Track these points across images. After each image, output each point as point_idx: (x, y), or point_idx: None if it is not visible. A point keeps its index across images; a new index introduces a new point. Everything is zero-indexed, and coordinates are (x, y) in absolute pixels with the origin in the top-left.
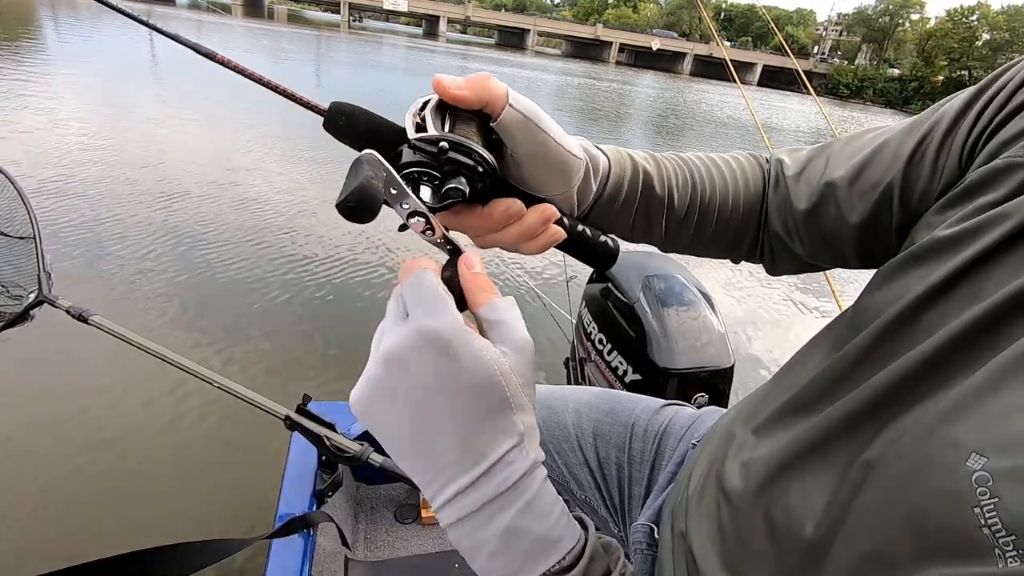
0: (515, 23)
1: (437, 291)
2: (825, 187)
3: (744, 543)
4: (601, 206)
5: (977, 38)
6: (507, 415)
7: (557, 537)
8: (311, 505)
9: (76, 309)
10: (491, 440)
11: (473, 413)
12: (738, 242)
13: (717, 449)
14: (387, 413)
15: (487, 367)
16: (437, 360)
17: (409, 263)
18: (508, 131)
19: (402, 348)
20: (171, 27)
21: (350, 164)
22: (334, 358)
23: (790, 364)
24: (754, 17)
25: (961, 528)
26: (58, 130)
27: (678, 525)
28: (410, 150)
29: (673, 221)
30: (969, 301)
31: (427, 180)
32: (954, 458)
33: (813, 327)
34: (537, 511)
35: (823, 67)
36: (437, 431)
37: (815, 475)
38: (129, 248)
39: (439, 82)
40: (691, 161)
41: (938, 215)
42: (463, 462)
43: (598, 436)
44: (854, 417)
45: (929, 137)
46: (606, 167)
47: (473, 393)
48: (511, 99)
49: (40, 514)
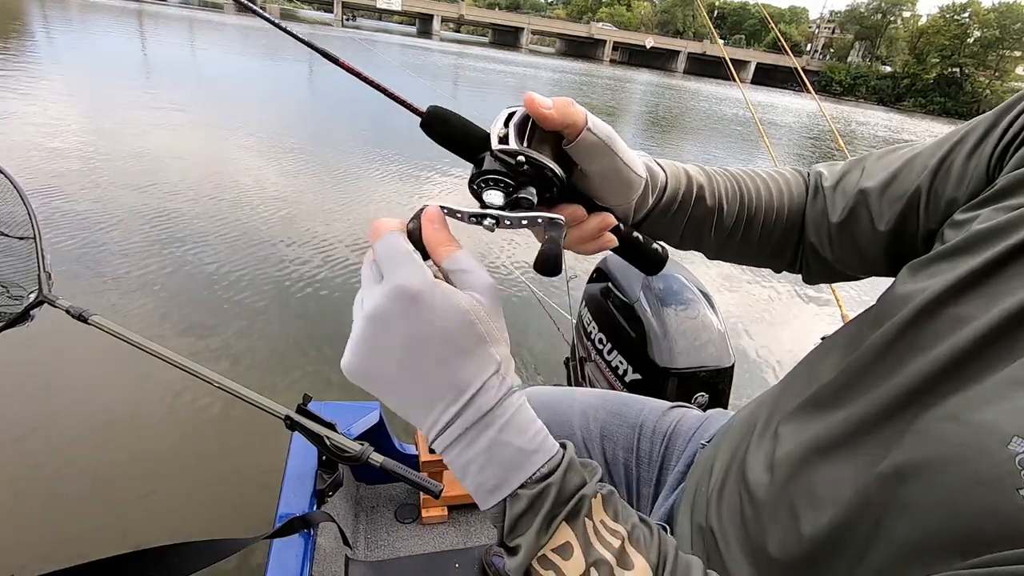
0: (509, 22)
1: (404, 249)
2: (858, 196)
3: (769, 534)
4: (656, 216)
5: (968, 35)
6: (484, 348)
7: (534, 449)
8: (311, 505)
9: (76, 309)
10: (472, 372)
11: (453, 352)
12: (781, 252)
13: (737, 444)
14: (378, 369)
15: (459, 310)
16: (414, 312)
17: (376, 226)
18: (583, 152)
19: (381, 307)
20: (168, 26)
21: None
22: (335, 358)
23: (808, 360)
24: (747, 15)
25: (1006, 510)
26: (58, 129)
27: (698, 520)
28: (491, 158)
29: (722, 231)
30: (997, 296)
31: (502, 186)
32: (994, 443)
33: (813, 326)
34: (516, 427)
35: (816, 64)
36: (424, 375)
37: (843, 467)
38: (130, 248)
39: (531, 100)
40: (739, 175)
41: (967, 213)
42: (449, 395)
43: (605, 437)
44: (884, 410)
45: (959, 147)
46: (663, 183)
47: (451, 335)
48: (590, 123)
49: (40, 514)
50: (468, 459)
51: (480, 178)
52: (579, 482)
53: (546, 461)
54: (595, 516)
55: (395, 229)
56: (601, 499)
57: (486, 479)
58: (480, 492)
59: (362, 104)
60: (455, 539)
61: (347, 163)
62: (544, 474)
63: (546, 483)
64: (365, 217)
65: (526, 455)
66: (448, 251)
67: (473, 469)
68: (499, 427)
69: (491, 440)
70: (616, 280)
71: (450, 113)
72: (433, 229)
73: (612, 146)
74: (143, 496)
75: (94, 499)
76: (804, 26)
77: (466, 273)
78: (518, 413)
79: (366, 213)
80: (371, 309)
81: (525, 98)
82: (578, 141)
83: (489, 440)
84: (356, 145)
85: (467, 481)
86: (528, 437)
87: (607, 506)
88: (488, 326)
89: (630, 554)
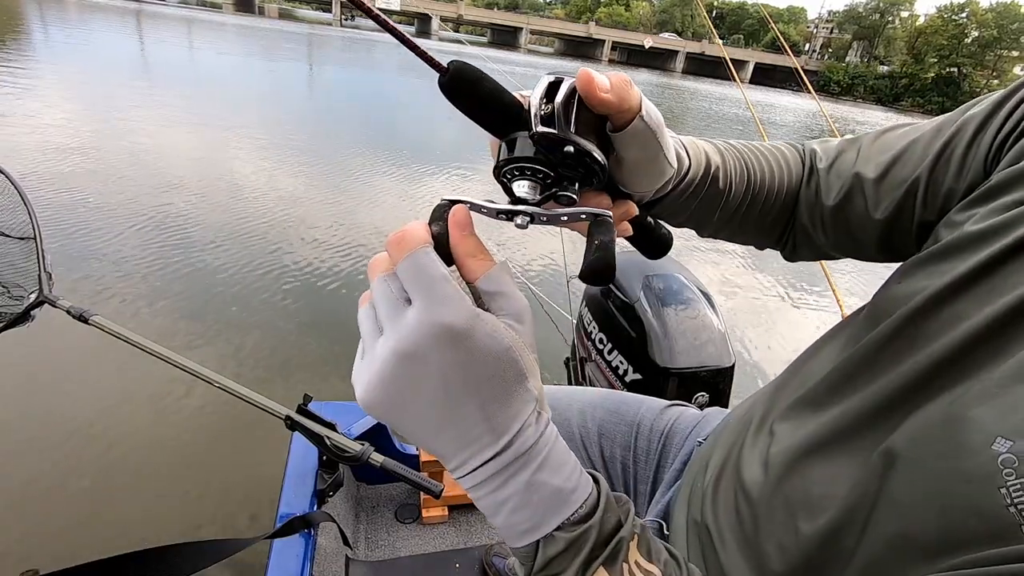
0: (508, 21)
1: (444, 276)
2: (855, 179)
3: (763, 530)
4: (673, 198)
5: (966, 35)
6: (523, 385)
7: (572, 488)
8: (312, 505)
9: (77, 309)
10: (512, 413)
11: (494, 393)
12: (772, 229)
13: (733, 441)
14: (402, 408)
15: (503, 347)
16: (456, 352)
17: (402, 238)
18: (629, 140)
19: (416, 345)
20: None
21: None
22: (335, 358)
23: (804, 358)
24: (745, 15)
25: (988, 508)
26: (58, 129)
27: (694, 515)
28: (530, 141)
29: (726, 212)
30: (992, 296)
31: (540, 176)
32: (980, 442)
33: (813, 325)
34: (553, 465)
35: (814, 64)
36: (459, 415)
37: (837, 464)
38: (130, 248)
39: (589, 80)
40: (746, 153)
41: (962, 213)
42: (487, 437)
43: (603, 435)
44: (879, 407)
45: (958, 137)
46: (686, 169)
47: (493, 375)
48: (644, 109)
49: (40, 514)
50: (501, 499)
51: (512, 164)
52: (616, 523)
53: (584, 500)
54: (631, 558)
55: (426, 246)
56: (636, 539)
57: (520, 520)
58: (511, 532)
59: (361, 104)
60: (455, 539)
61: (348, 164)
62: (583, 516)
63: (586, 526)
64: (366, 217)
65: (564, 495)
66: (483, 267)
67: (506, 510)
68: (536, 467)
69: (527, 481)
70: (616, 280)
71: (479, 72)
72: (463, 237)
73: (660, 136)
74: (144, 496)
75: (94, 499)
76: (802, 26)
77: (504, 297)
78: (554, 449)
79: (367, 213)
80: (405, 347)
81: (580, 75)
82: (629, 128)
83: (525, 481)
84: (357, 146)
85: (498, 520)
86: (565, 475)
87: (641, 546)
88: (527, 359)
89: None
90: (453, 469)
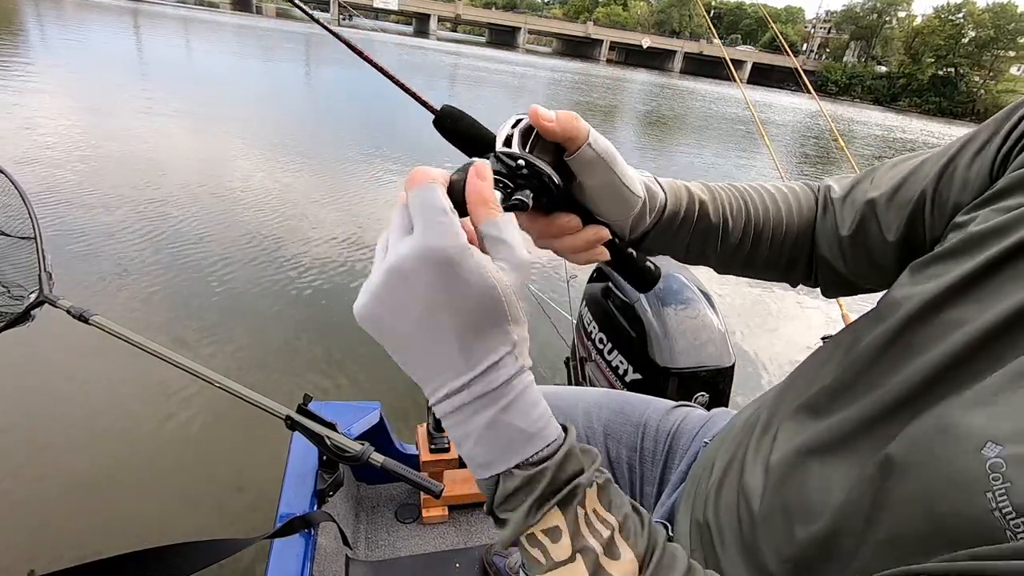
0: (506, 21)
1: (443, 209)
2: (867, 206)
3: (761, 533)
4: (658, 232)
5: (963, 35)
6: (503, 327)
7: (535, 432)
8: (312, 505)
9: (77, 309)
10: (487, 349)
11: (472, 325)
12: (792, 266)
13: (738, 443)
14: (390, 322)
15: (488, 285)
16: (440, 277)
17: (418, 173)
18: (582, 165)
19: (406, 263)
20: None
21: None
22: (335, 358)
23: (809, 362)
24: (743, 15)
25: (973, 512)
26: (59, 129)
27: (696, 516)
28: (494, 159)
29: (727, 246)
30: (991, 299)
31: (501, 187)
32: (970, 447)
33: (813, 325)
34: (519, 409)
35: (812, 64)
36: (437, 340)
37: (835, 470)
38: (131, 248)
39: (535, 112)
40: (745, 191)
41: (967, 215)
42: (459, 367)
43: (609, 436)
44: (877, 415)
45: (962, 152)
46: (662, 202)
47: (474, 308)
48: (591, 139)
49: (40, 514)
50: (467, 431)
51: None
52: (576, 470)
53: (545, 446)
54: (588, 505)
55: (436, 181)
56: (596, 488)
57: (480, 453)
58: (473, 463)
59: (361, 104)
60: (455, 539)
61: (348, 164)
62: (541, 458)
63: (541, 467)
64: (367, 216)
65: (525, 437)
66: (490, 213)
67: (470, 441)
68: (503, 406)
69: (492, 418)
70: (616, 280)
71: (461, 113)
72: (479, 185)
73: (610, 163)
74: (144, 496)
75: (94, 499)
76: (800, 26)
77: (503, 244)
78: (524, 394)
79: (368, 212)
80: (396, 262)
81: (530, 110)
82: (578, 154)
83: (490, 418)
84: (358, 147)
85: (463, 450)
86: (531, 419)
87: (601, 496)
88: (513, 304)
89: (619, 545)
90: (429, 395)
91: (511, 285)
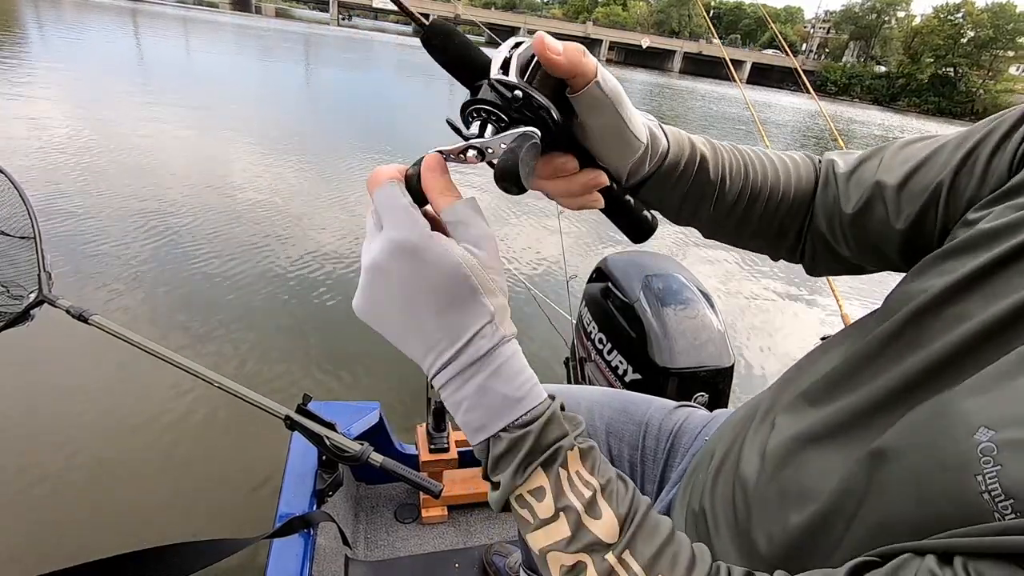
0: (505, 21)
1: (400, 202)
2: (875, 188)
3: (755, 519)
4: (655, 183)
5: (962, 35)
6: (477, 299)
7: (520, 397)
8: (311, 505)
9: (76, 309)
10: (465, 321)
11: (447, 302)
12: (781, 237)
13: (736, 433)
14: (380, 313)
15: (453, 263)
16: (410, 264)
17: (374, 176)
18: (586, 104)
19: (378, 258)
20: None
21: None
22: (335, 358)
23: (811, 355)
24: (742, 15)
25: (963, 495)
26: (59, 129)
27: (693, 504)
28: (488, 87)
29: (722, 206)
30: (997, 296)
31: (494, 119)
32: (963, 432)
33: (813, 325)
34: (505, 375)
35: (811, 64)
36: (421, 319)
37: (831, 457)
38: (130, 248)
39: (541, 40)
40: (746, 152)
41: (978, 212)
42: (444, 340)
43: (611, 434)
44: (875, 404)
45: (983, 144)
46: (664, 150)
47: (444, 286)
48: (600, 76)
49: (40, 514)
50: (459, 399)
51: (472, 107)
52: (559, 434)
53: (529, 410)
54: (571, 467)
55: (393, 178)
56: (579, 452)
57: (472, 419)
58: (467, 429)
59: (361, 104)
60: (455, 539)
61: (348, 164)
62: (525, 422)
63: (526, 430)
64: (365, 217)
65: (511, 402)
66: (446, 201)
67: (463, 409)
68: (488, 373)
69: (479, 385)
70: (616, 280)
71: (453, 30)
72: (432, 177)
73: (617, 104)
74: (143, 496)
75: (94, 499)
76: (799, 26)
77: (463, 224)
78: (509, 361)
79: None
80: (370, 260)
81: (535, 37)
82: (584, 92)
83: (478, 385)
84: (357, 145)
85: (458, 418)
86: (515, 385)
87: (584, 459)
88: (482, 277)
89: (600, 505)
90: (426, 370)
91: (478, 260)
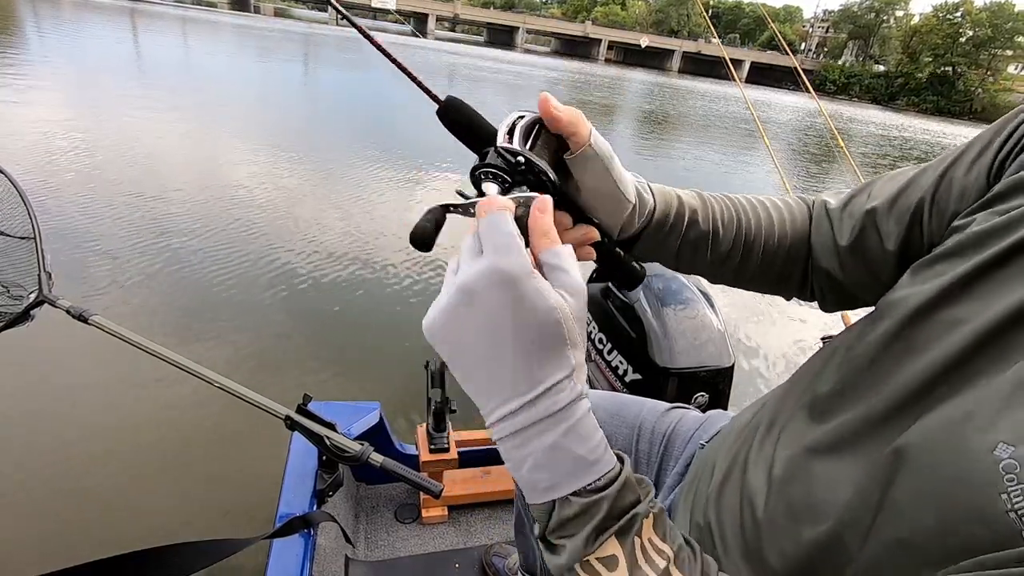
0: (504, 20)
1: (511, 233)
2: (866, 216)
3: (766, 535)
4: (647, 237)
5: (961, 34)
6: (563, 350)
7: (595, 460)
8: (311, 505)
9: (76, 309)
10: (547, 370)
11: (533, 346)
12: (785, 279)
13: (740, 445)
14: (456, 338)
15: (550, 307)
16: (505, 296)
17: (487, 202)
18: (581, 165)
19: (475, 281)
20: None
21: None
22: (336, 358)
23: (810, 363)
24: (741, 14)
25: (988, 513)
26: (59, 129)
27: (696, 518)
28: (495, 153)
29: (718, 255)
30: (990, 299)
31: (499, 180)
32: (982, 447)
33: (812, 325)
34: (580, 434)
35: (810, 64)
36: (502, 358)
37: (842, 468)
38: (131, 248)
39: (545, 99)
40: (737, 200)
41: (965, 219)
42: (518, 387)
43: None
44: (881, 414)
45: (960, 160)
46: (651, 207)
47: (535, 328)
48: (592, 139)
49: (40, 514)
50: (525, 454)
51: (480, 169)
52: (634, 500)
53: (605, 473)
54: (644, 535)
55: (505, 209)
56: (652, 518)
57: (540, 478)
58: (528, 487)
59: (361, 104)
60: (455, 539)
61: (349, 165)
62: (600, 487)
63: (601, 495)
64: (367, 216)
65: (585, 465)
66: (551, 243)
67: (528, 464)
68: (563, 431)
69: (552, 443)
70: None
71: (465, 105)
72: (541, 218)
73: (608, 165)
74: (143, 496)
75: (94, 499)
76: (798, 25)
77: (563, 272)
78: (583, 420)
79: (368, 212)
80: (465, 281)
81: (540, 97)
82: (579, 154)
83: (551, 442)
84: (357, 146)
85: (518, 474)
86: (590, 447)
87: (657, 526)
88: (572, 329)
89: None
90: (487, 414)
91: (571, 309)
